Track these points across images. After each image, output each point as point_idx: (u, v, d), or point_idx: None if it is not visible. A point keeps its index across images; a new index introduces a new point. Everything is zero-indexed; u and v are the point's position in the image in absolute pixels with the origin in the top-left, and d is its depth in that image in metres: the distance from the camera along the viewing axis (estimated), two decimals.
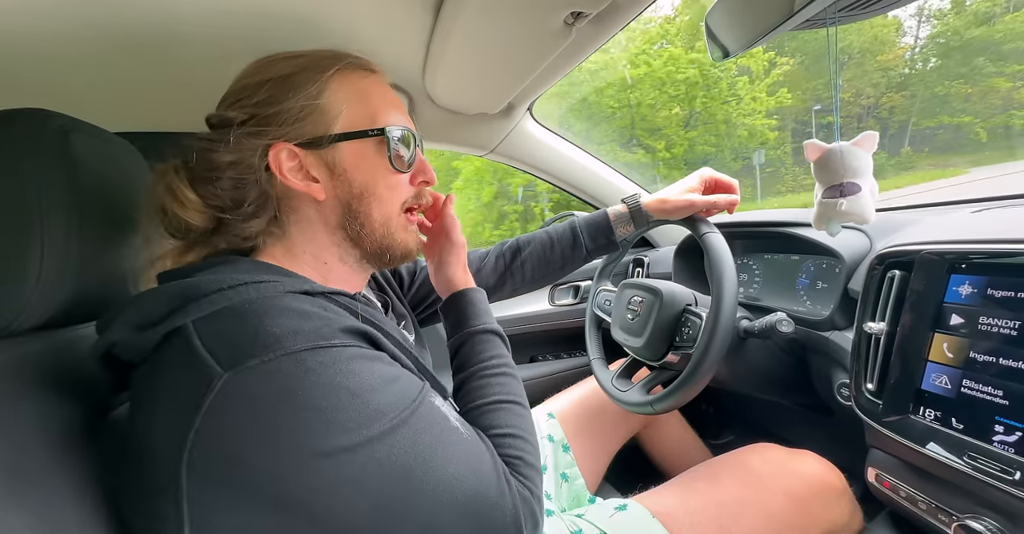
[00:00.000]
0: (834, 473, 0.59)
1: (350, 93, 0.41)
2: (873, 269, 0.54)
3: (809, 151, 0.54)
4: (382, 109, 0.42)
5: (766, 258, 0.86)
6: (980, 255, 0.45)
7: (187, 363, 0.29)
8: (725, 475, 0.58)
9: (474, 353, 0.46)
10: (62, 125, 0.36)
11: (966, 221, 0.55)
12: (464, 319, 0.49)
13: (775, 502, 0.54)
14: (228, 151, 0.38)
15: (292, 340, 0.29)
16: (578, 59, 0.69)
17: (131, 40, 0.53)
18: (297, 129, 0.39)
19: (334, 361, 0.30)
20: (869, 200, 0.53)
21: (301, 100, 0.39)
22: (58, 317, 0.36)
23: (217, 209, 0.38)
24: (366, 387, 0.31)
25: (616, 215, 0.67)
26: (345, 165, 0.40)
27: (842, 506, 0.57)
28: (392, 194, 0.43)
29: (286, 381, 0.28)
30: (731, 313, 0.56)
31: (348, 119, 0.40)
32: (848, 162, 0.52)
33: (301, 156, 0.39)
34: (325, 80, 0.40)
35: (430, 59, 0.66)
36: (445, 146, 0.96)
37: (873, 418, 0.51)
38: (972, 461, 0.42)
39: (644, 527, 0.52)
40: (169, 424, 0.28)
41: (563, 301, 1.17)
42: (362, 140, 0.41)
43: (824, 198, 0.55)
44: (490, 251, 0.70)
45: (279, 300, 0.32)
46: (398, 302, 0.59)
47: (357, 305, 0.37)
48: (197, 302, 0.30)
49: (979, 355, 0.44)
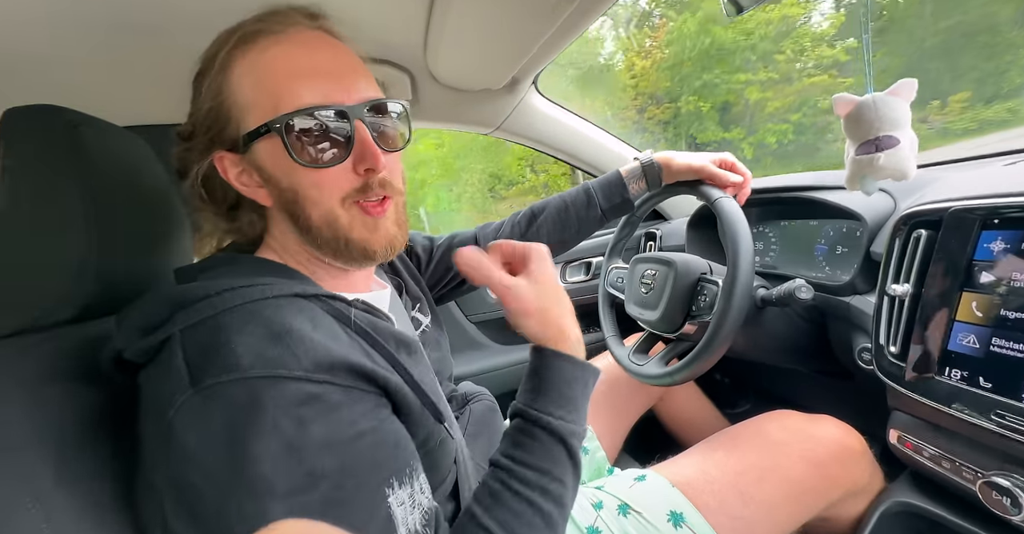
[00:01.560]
0: (853, 435, 0.59)
1: (249, 76, 0.34)
2: (898, 230, 0.52)
3: (839, 106, 0.51)
4: (286, 87, 0.34)
5: (783, 225, 0.84)
6: (1015, 208, 0.43)
7: (167, 374, 0.28)
8: (744, 443, 0.58)
9: (519, 447, 0.36)
10: (71, 120, 0.36)
11: (998, 174, 0.52)
12: (538, 391, 0.39)
13: (795, 467, 0.54)
14: (194, 163, 0.37)
15: (251, 364, 0.27)
16: (582, 27, 0.66)
17: (135, 34, 0.52)
18: (218, 134, 0.36)
19: (287, 400, 0.27)
20: (909, 154, 0.49)
21: (208, 99, 0.35)
22: (88, 310, 0.37)
23: (215, 212, 0.40)
24: (310, 441, 0.27)
25: (628, 171, 0.67)
26: (267, 167, 0.36)
27: (862, 467, 0.57)
28: (322, 192, 0.35)
29: (233, 412, 0.27)
30: (748, 276, 0.55)
31: (254, 111, 0.34)
32: (884, 113, 0.48)
33: (239, 162, 0.37)
34: (219, 68, 0.34)
35: (431, 35, 0.64)
36: (449, 125, 0.95)
37: (896, 381, 0.50)
38: (1000, 419, 0.41)
39: (664, 496, 0.53)
40: (155, 432, 0.29)
41: (575, 278, 1.17)
42: (268, 137, 0.34)
43: (858, 155, 0.52)
44: (505, 221, 0.69)
45: (262, 309, 0.30)
46: (413, 284, 0.59)
47: (351, 311, 0.35)
48: (185, 311, 0.30)
49: (1011, 312, 0.43)
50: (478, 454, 0.51)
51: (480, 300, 1.10)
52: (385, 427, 0.32)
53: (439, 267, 0.66)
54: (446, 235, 0.69)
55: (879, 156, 0.49)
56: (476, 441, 0.53)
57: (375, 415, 0.31)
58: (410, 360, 0.37)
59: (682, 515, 0.51)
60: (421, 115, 0.87)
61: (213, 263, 0.37)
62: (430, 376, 0.39)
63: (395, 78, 0.75)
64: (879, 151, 0.49)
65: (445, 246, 0.66)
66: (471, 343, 1.09)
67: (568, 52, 0.71)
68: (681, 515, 0.51)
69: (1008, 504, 0.42)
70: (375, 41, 0.67)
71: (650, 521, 0.51)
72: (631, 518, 0.52)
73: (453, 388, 0.60)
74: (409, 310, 0.54)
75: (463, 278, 0.67)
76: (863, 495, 0.58)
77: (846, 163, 0.54)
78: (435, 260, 0.66)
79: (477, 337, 1.09)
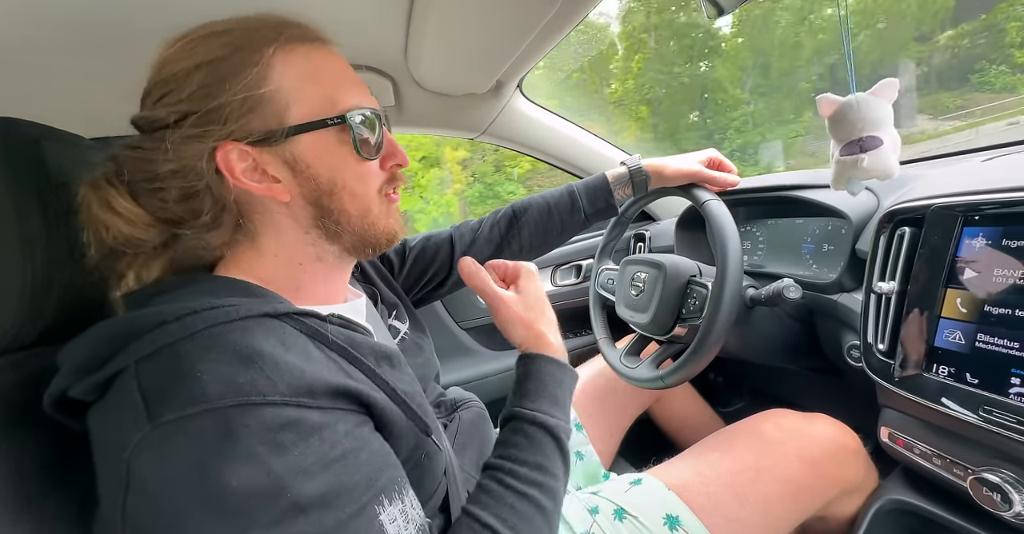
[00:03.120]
0: (847, 433, 0.59)
1: (299, 74, 0.35)
2: (882, 227, 0.53)
3: (822, 106, 0.52)
4: (340, 88, 0.37)
5: (769, 224, 0.84)
6: (994, 205, 0.43)
7: (121, 411, 0.26)
8: (739, 443, 0.58)
9: (512, 446, 0.37)
10: (32, 133, 0.35)
11: (977, 171, 0.53)
12: (526, 394, 0.40)
13: (790, 467, 0.54)
14: (167, 158, 0.33)
15: (220, 393, 0.26)
16: (566, 28, 0.66)
17: (101, 44, 0.51)
18: (244, 125, 0.34)
19: (262, 426, 0.26)
20: (892, 154, 0.50)
21: (241, 90, 0.33)
22: (54, 331, 0.35)
23: (169, 223, 0.35)
24: (291, 468, 0.26)
25: (615, 177, 0.66)
26: (307, 160, 0.36)
27: (857, 465, 0.58)
28: (365, 185, 0.38)
29: (202, 445, 0.25)
30: (737, 279, 0.55)
31: (302, 106, 0.35)
32: (866, 114, 0.49)
33: (255, 155, 0.34)
34: (266, 62, 0.34)
35: (411, 39, 0.63)
36: (434, 131, 0.94)
37: (885, 378, 0.50)
38: (988, 415, 0.42)
39: (660, 500, 0.53)
40: (111, 473, 0.26)
41: (565, 281, 1.16)
42: (323, 130, 0.36)
43: (842, 155, 0.52)
44: (484, 220, 0.67)
45: (228, 332, 0.28)
46: (387, 290, 0.57)
47: (327, 327, 0.34)
48: (138, 341, 0.27)
49: (994, 308, 0.43)
50: (468, 464, 0.50)
51: (471, 306, 1.09)
52: (370, 445, 0.31)
53: (414, 270, 0.64)
54: (419, 236, 0.67)
55: (863, 158, 0.50)
56: (465, 451, 0.52)
57: (358, 434, 0.30)
58: (392, 373, 0.36)
59: (678, 518, 0.51)
60: (405, 121, 0.86)
61: (168, 286, 0.34)
62: (414, 387, 0.38)
63: (377, 84, 0.74)
64: (863, 152, 0.50)
65: (419, 248, 0.65)
66: (461, 349, 1.07)
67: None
68: (677, 518, 0.51)
69: (999, 500, 0.42)
70: (356, 47, 0.66)
71: (646, 525, 0.50)
72: (627, 522, 0.51)
73: (441, 392, 0.59)
74: (386, 319, 0.53)
75: (441, 280, 0.66)
76: (858, 493, 0.58)
77: (831, 164, 0.55)
78: (409, 263, 0.64)
79: (467, 343, 1.08)
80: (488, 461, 0.38)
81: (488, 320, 1.10)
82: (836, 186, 0.56)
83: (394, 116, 0.84)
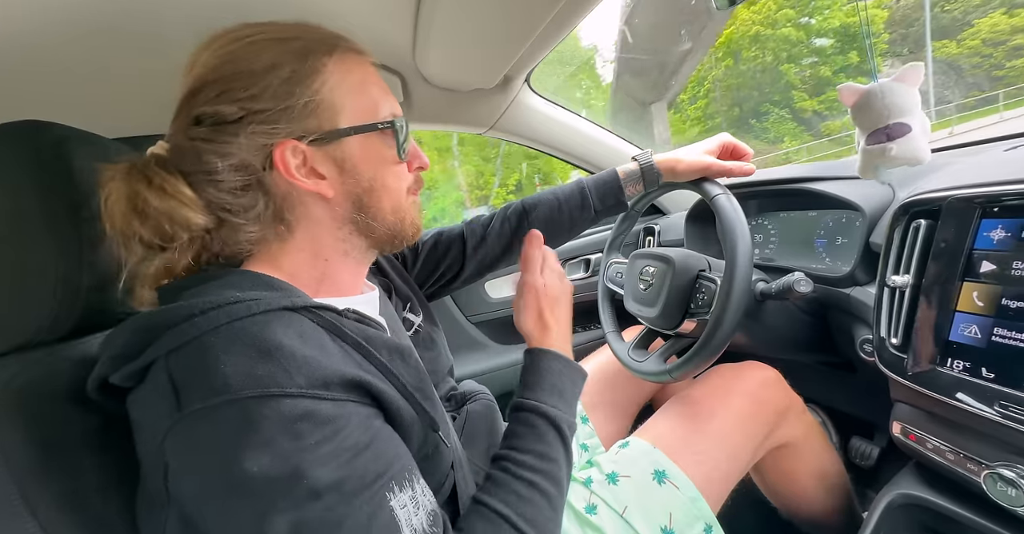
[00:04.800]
0: (769, 369, 0.67)
1: (352, 83, 0.40)
2: (896, 220, 0.51)
3: (845, 95, 0.50)
4: (382, 98, 0.42)
5: (782, 216, 0.83)
6: (1015, 196, 0.42)
7: (155, 399, 0.29)
8: (695, 392, 0.64)
9: (516, 436, 0.41)
10: (57, 134, 0.36)
11: (998, 161, 0.51)
12: (529, 386, 0.44)
13: (734, 401, 0.61)
14: (229, 151, 0.35)
15: (241, 384, 0.27)
16: (573, 22, 0.66)
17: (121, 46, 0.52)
18: (302, 125, 0.37)
19: (280, 416, 0.27)
20: (922, 139, 0.49)
21: (306, 94, 0.37)
22: (83, 325, 0.37)
23: (223, 212, 0.36)
24: (308, 456, 0.27)
25: (626, 173, 0.66)
26: (355, 160, 0.40)
27: (781, 391, 0.65)
28: (400, 184, 0.43)
29: (226, 433, 0.27)
30: (746, 276, 0.54)
31: (353, 111, 0.39)
32: (892, 100, 0.48)
33: (308, 153, 0.38)
34: (328, 70, 0.38)
35: (419, 36, 0.63)
36: (442, 126, 0.94)
37: (898, 372, 0.50)
38: (1003, 410, 0.41)
39: (647, 458, 0.55)
40: (151, 454, 0.29)
41: (575, 275, 1.16)
42: (371, 133, 0.40)
43: (868, 145, 0.51)
44: (494, 215, 0.68)
45: (249, 326, 0.30)
46: (402, 283, 0.59)
47: (343, 321, 0.35)
48: (169, 333, 0.29)
49: (1012, 302, 0.42)
50: (476, 456, 0.51)
51: (480, 300, 1.10)
52: (380, 436, 0.32)
53: (427, 264, 0.66)
54: (432, 231, 0.68)
55: (891, 146, 0.49)
56: (473, 443, 0.53)
57: (369, 425, 0.32)
58: (403, 367, 0.37)
59: (664, 472, 0.54)
60: (413, 117, 0.86)
61: (197, 280, 0.35)
62: (424, 382, 0.39)
63: (386, 81, 0.74)
64: (890, 140, 0.49)
65: (431, 243, 0.66)
66: (471, 343, 1.09)
67: None
68: (664, 472, 0.54)
69: (1013, 495, 0.41)
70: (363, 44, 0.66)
71: (638, 482, 0.53)
72: (621, 483, 0.53)
73: (453, 385, 0.60)
74: (400, 311, 0.54)
75: (454, 275, 0.67)
76: (791, 415, 0.64)
77: (858, 152, 0.53)
78: (422, 258, 0.66)
79: (477, 337, 1.09)
80: (496, 452, 0.41)
81: (497, 314, 1.11)
82: (864, 175, 0.55)
83: (402, 113, 0.84)
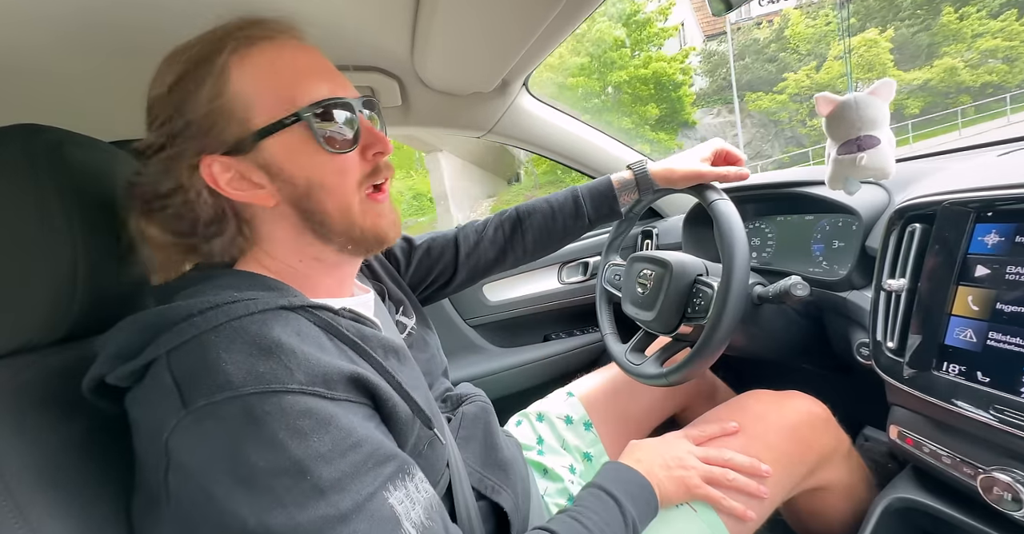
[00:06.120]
0: (818, 404, 0.62)
1: (254, 76, 0.35)
2: (892, 224, 0.52)
3: (820, 105, 0.52)
4: (298, 83, 0.36)
5: (779, 220, 0.83)
6: (1009, 201, 0.43)
7: (158, 396, 0.29)
8: (727, 418, 0.60)
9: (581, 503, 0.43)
10: (53, 138, 0.36)
11: (992, 165, 0.52)
12: (614, 483, 0.46)
13: (773, 435, 0.57)
14: (163, 180, 0.35)
15: (243, 381, 0.28)
16: (571, 26, 0.66)
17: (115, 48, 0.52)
18: (214, 137, 0.34)
19: (283, 412, 0.28)
20: (889, 153, 0.50)
21: (204, 104, 0.34)
22: (79, 328, 0.37)
23: (178, 234, 0.36)
24: (311, 453, 0.28)
25: (620, 182, 0.66)
26: (279, 163, 0.35)
27: (829, 432, 0.60)
28: (343, 179, 0.37)
29: (230, 429, 0.27)
30: (743, 281, 0.54)
31: (263, 109, 0.35)
32: (864, 113, 0.49)
33: (234, 165, 0.35)
34: (219, 71, 0.34)
35: (417, 40, 0.64)
36: (441, 129, 0.94)
37: (894, 376, 0.50)
38: (999, 414, 0.41)
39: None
40: (152, 452, 0.29)
41: (573, 279, 1.16)
42: (286, 130, 0.35)
43: (839, 155, 0.52)
44: (488, 222, 0.68)
45: (248, 325, 0.30)
46: (394, 287, 0.58)
47: (339, 320, 0.35)
48: (168, 332, 0.29)
49: (1007, 306, 0.42)
50: (471, 457, 0.51)
51: (477, 303, 1.10)
52: (379, 434, 0.32)
53: (420, 269, 0.65)
54: (426, 235, 0.68)
55: (862, 156, 0.50)
56: (468, 444, 0.53)
57: (368, 424, 0.32)
58: (399, 366, 0.37)
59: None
60: (412, 120, 0.87)
61: (191, 281, 0.36)
62: (419, 381, 0.39)
63: (384, 85, 0.75)
64: (861, 151, 0.50)
65: (424, 248, 0.66)
66: (469, 346, 1.08)
67: None
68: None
69: (1009, 499, 0.41)
70: (362, 49, 0.66)
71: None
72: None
73: (448, 386, 0.60)
74: (393, 314, 0.54)
75: (446, 280, 0.67)
76: (836, 458, 0.60)
77: (827, 163, 0.54)
78: (415, 263, 0.65)
79: (475, 340, 1.09)
80: (567, 516, 0.41)
81: (495, 318, 1.11)
82: (833, 185, 0.56)
83: (401, 116, 0.84)
